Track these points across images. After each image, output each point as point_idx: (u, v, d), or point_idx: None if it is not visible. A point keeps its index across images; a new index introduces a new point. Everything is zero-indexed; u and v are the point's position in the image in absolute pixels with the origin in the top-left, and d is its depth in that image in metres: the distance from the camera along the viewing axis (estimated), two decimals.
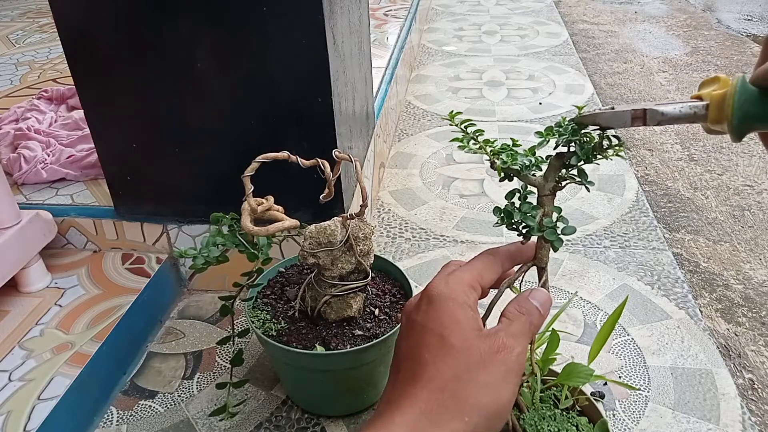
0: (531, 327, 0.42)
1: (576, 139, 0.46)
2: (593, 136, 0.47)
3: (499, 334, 0.40)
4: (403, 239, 1.26)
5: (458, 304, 0.41)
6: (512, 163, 0.48)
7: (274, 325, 0.79)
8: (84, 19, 0.90)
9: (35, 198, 1.13)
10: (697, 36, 2.79)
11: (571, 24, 2.97)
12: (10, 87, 1.70)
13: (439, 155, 1.62)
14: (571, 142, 0.47)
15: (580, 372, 0.57)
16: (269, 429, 0.84)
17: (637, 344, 0.96)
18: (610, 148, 0.46)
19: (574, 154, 0.46)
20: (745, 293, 1.17)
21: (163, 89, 0.94)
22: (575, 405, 0.62)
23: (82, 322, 0.92)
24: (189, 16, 0.87)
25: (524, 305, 0.43)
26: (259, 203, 0.71)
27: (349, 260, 0.75)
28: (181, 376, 0.93)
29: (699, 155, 1.72)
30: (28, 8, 2.57)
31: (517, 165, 0.48)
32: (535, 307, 0.43)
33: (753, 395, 0.95)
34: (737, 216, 1.43)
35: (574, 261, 1.16)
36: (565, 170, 0.47)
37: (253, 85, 0.92)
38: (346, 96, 1.03)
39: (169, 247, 1.08)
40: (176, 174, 1.02)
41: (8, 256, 0.92)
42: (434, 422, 0.37)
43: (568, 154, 0.47)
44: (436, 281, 0.44)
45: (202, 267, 0.67)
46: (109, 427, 0.85)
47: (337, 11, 0.95)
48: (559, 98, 1.96)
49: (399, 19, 2.20)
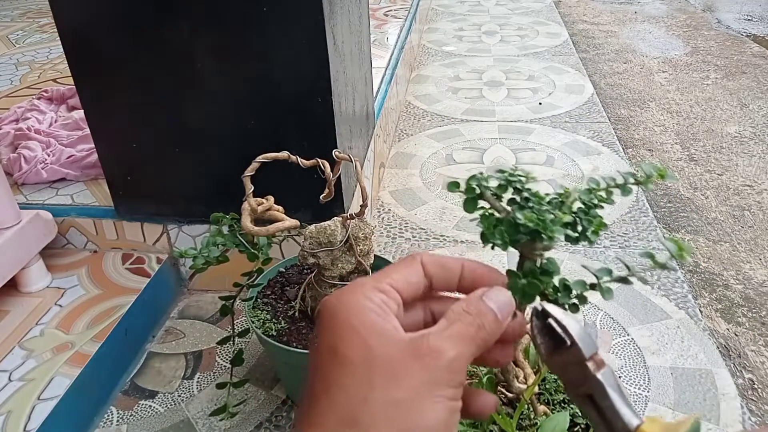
0: (480, 332, 0.31)
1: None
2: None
3: (426, 336, 0.30)
4: (403, 239, 1.26)
5: (354, 309, 0.31)
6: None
7: (274, 325, 0.79)
8: (84, 19, 0.90)
9: (35, 198, 1.13)
10: (697, 36, 2.79)
11: (571, 24, 2.97)
12: (10, 87, 1.70)
13: (439, 155, 1.62)
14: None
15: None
16: (269, 429, 0.84)
17: (637, 344, 0.96)
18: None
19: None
20: (745, 293, 1.17)
21: (163, 89, 0.94)
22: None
23: (82, 322, 0.92)
24: (189, 16, 0.87)
25: (474, 305, 0.32)
26: (260, 203, 0.71)
27: (349, 260, 0.75)
28: (181, 376, 0.93)
29: (699, 155, 1.72)
30: (28, 8, 2.57)
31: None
32: (491, 309, 0.32)
33: (753, 395, 0.95)
34: (737, 216, 1.43)
35: (574, 261, 1.16)
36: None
37: (253, 85, 0.92)
38: (346, 96, 1.03)
39: (170, 247, 1.08)
40: (176, 174, 1.02)
41: (8, 256, 0.92)
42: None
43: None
44: (332, 294, 0.34)
45: (203, 267, 0.67)
46: (109, 427, 0.85)
47: (337, 11, 0.95)
48: (559, 98, 1.96)
49: (399, 19, 2.20)
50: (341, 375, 0.29)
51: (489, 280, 0.35)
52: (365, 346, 0.30)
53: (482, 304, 0.32)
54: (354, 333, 0.30)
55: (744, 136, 1.80)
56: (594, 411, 0.32)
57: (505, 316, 0.33)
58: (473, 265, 0.35)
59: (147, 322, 1.01)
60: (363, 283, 0.33)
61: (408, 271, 0.34)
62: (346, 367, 0.29)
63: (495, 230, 0.37)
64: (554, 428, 0.57)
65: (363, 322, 0.30)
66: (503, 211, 0.38)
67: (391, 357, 0.29)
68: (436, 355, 0.29)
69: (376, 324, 0.30)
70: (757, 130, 1.83)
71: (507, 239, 0.37)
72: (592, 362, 0.32)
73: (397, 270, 0.34)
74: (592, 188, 0.39)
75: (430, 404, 0.29)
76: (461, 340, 0.31)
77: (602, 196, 0.39)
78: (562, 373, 0.33)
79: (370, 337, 0.30)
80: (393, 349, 0.30)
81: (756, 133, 1.81)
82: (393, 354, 0.29)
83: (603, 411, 0.31)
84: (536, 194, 0.38)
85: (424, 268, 0.35)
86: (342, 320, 0.31)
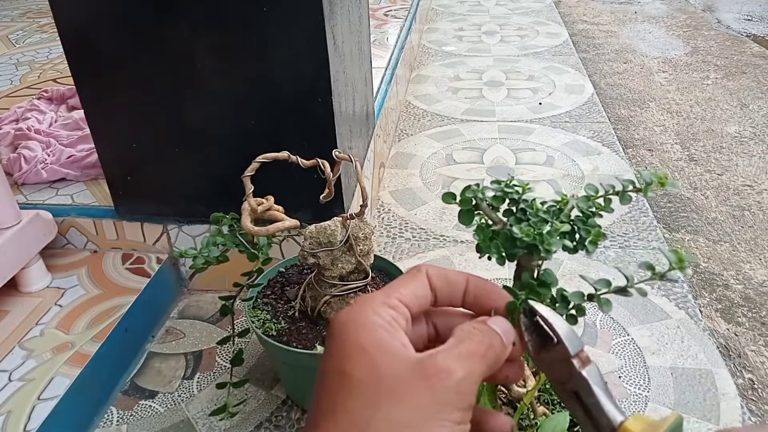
0: (490, 350, 0.31)
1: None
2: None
3: (436, 355, 0.29)
4: (403, 239, 1.26)
5: (364, 326, 0.30)
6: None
7: (274, 325, 0.79)
8: (84, 19, 0.90)
9: (35, 198, 1.13)
10: (697, 36, 2.79)
11: (571, 24, 2.97)
12: (10, 87, 1.70)
13: (439, 155, 1.62)
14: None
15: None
16: (269, 429, 0.84)
17: (636, 344, 0.97)
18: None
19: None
20: (745, 293, 1.17)
21: (163, 89, 0.94)
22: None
23: (82, 322, 0.92)
24: (189, 16, 0.87)
25: (483, 325, 0.32)
26: (260, 203, 0.71)
27: (349, 260, 0.75)
28: (181, 376, 0.93)
29: (699, 155, 1.72)
30: (28, 8, 2.57)
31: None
32: (496, 332, 0.32)
33: (753, 395, 0.95)
34: (737, 216, 1.43)
35: (573, 260, 1.16)
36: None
37: (253, 85, 0.92)
38: (346, 96, 1.03)
39: (170, 247, 1.08)
40: (176, 174, 1.02)
41: (8, 256, 0.92)
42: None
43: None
44: (342, 309, 0.34)
45: (203, 267, 0.67)
46: (109, 427, 0.85)
47: (337, 11, 0.95)
48: (559, 98, 1.96)
49: (399, 19, 2.20)
50: (347, 397, 0.29)
51: (492, 296, 0.35)
52: (373, 365, 0.29)
53: (489, 328, 0.32)
54: (362, 352, 0.29)
55: (744, 136, 1.80)
56: (580, 408, 0.32)
57: (509, 341, 0.33)
58: (478, 281, 0.35)
59: (147, 322, 1.01)
60: (372, 298, 0.32)
61: (415, 285, 0.34)
62: (352, 389, 0.29)
63: (491, 243, 0.37)
64: (554, 428, 0.58)
65: (372, 340, 0.30)
66: (500, 222, 0.38)
67: (398, 377, 0.29)
68: (445, 376, 0.29)
69: (384, 342, 0.30)
70: (757, 130, 1.83)
71: (503, 252, 0.37)
72: (577, 359, 0.32)
73: (404, 284, 0.34)
74: (590, 196, 0.39)
75: (437, 429, 0.28)
76: (471, 358, 0.30)
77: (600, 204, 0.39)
78: (549, 370, 0.33)
79: (378, 356, 0.29)
80: (400, 369, 0.29)
81: (756, 133, 1.81)
82: (400, 374, 0.29)
83: (588, 408, 0.31)
84: (533, 205, 0.38)
85: (430, 281, 0.34)
86: (351, 340, 0.30)
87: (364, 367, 0.29)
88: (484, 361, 0.31)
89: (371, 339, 0.30)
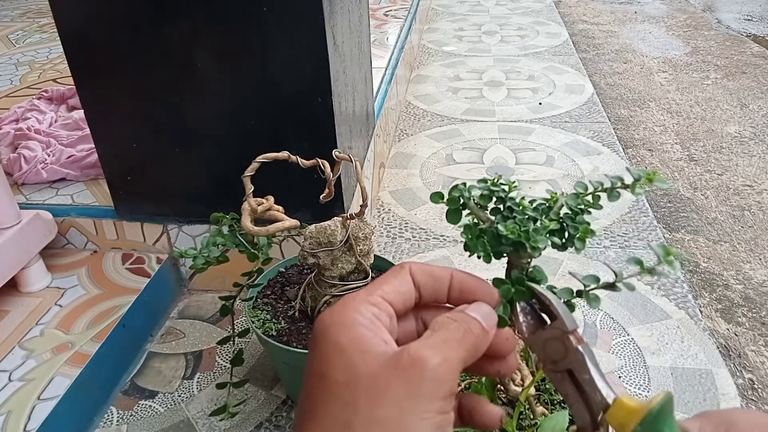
0: (467, 335, 0.31)
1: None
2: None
3: (409, 347, 0.29)
4: (403, 239, 1.26)
5: (344, 325, 0.30)
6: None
7: (274, 325, 0.79)
8: (84, 19, 0.90)
9: (35, 198, 1.13)
10: (697, 36, 2.79)
11: (571, 24, 2.97)
12: (10, 87, 1.70)
13: (439, 155, 1.62)
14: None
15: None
16: (269, 429, 0.84)
17: (636, 344, 0.97)
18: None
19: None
20: (745, 293, 1.17)
21: (163, 89, 0.94)
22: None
23: (82, 322, 0.92)
24: (189, 17, 0.87)
25: (458, 314, 0.32)
26: (260, 203, 0.71)
27: (349, 260, 0.75)
28: (181, 376, 0.93)
29: (699, 155, 1.72)
30: (28, 8, 2.57)
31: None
32: (473, 318, 0.32)
33: (753, 395, 0.95)
34: (737, 216, 1.43)
35: (573, 261, 1.16)
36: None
37: (253, 85, 0.92)
38: (346, 96, 1.03)
39: (170, 247, 1.08)
40: (176, 174, 1.02)
41: (8, 256, 0.92)
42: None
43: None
44: (326, 310, 0.33)
45: (203, 267, 0.67)
46: (109, 427, 0.85)
47: (337, 11, 0.95)
48: (559, 98, 1.96)
49: (399, 19, 2.20)
50: (326, 399, 0.29)
51: (478, 291, 0.35)
52: (350, 365, 0.29)
53: (466, 314, 0.32)
54: (340, 354, 0.29)
55: (744, 136, 1.80)
56: (572, 386, 0.32)
57: (490, 325, 0.32)
58: (462, 275, 0.35)
59: (147, 321, 1.01)
60: (354, 297, 0.32)
61: (398, 282, 0.34)
62: (332, 391, 0.29)
63: (478, 241, 0.38)
64: (554, 427, 0.58)
65: (352, 338, 0.30)
66: (487, 221, 0.38)
67: (375, 375, 0.28)
68: (420, 365, 0.28)
69: (365, 340, 0.30)
70: (757, 130, 1.83)
71: (490, 250, 0.37)
72: (573, 336, 0.33)
73: (387, 281, 0.33)
74: (579, 193, 0.39)
75: (416, 422, 0.27)
76: (446, 345, 0.30)
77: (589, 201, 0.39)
78: (542, 350, 0.34)
79: (356, 356, 0.29)
80: (377, 366, 0.28)
81: (756, 133, 1.81)
82: (377, 371, 0.28)
83: (581, 385, 0.32)
84: (520, 203, 0.38)
85: (413, 277, 0.34)
86: (331, 341, 0.30)
87: (342, 369, 0.29)
88: (461, 345, 0.30)
89: (351, 338, 0.30)
